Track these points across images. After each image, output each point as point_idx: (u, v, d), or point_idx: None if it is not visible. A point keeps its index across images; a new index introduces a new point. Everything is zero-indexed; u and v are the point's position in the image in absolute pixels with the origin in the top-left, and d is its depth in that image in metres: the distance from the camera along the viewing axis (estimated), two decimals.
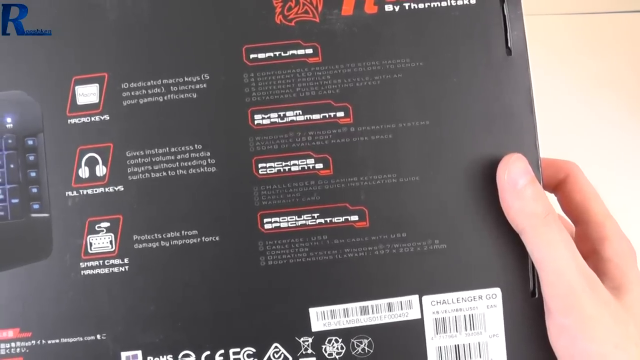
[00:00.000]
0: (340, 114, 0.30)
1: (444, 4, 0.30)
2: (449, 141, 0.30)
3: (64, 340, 0.31)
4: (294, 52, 0.30)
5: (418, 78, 0.30)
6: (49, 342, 0.31)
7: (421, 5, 0.30)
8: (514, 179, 0.28)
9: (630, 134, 0.50)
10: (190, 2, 0.31)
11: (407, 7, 0.30)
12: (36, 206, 0.32)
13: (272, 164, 0.30)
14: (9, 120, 0.32)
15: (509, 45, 0.30)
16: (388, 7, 0.30)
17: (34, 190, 0.32)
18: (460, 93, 0.30)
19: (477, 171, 0.30)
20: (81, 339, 0.31)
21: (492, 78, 0.30)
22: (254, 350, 0.30)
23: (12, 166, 0.32)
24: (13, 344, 0.32)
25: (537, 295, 0.30)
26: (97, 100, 0.31)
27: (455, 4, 0.30)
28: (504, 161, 0.28)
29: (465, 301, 0.30)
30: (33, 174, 0.32)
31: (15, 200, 0.32)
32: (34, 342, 0.31)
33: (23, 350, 0.31)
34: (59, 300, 0.31)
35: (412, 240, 0.30)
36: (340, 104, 0.30)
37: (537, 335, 0.29)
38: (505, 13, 0.30)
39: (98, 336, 0.31)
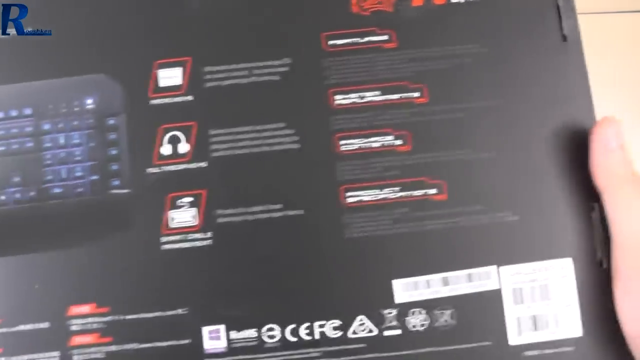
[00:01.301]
0: (416, 94, 0.32)
1: None
2: (517, 119, 0.32)
3: (143, 315, 0.31)
4: (370, 38, 0.32)
5: (485, 62, 0.32)
6: (127, 317, 0.31)
7: None
8: (608, 139, 0.30)
9: (632, 135, 0.53)
10: None
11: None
12: (116, 182, 0.32)
13: (353, 141, 0.31)
14: (89, 101, 0.33)
15: (564, 32, 0.33)
16: None
17: (115, 167, 0.32)
18: (523, 76, 0.32)
19: (545, 147, 0.32)
20: (161, 313, 0.30)
21: (551, 62, 0.33)
22: (340, 322, 0.30)
23: (92, 144, 0.33)
24: (89, 320, 0.31)
25: (605, 265, 0.31)
26: (180, 82, 0.32)
27: None
28: (600, 122, 0.30)
29: (540, 271, 0.31)
30: (114, 152, 0.32)
31: (95, 177, 0.32)
32: (111, 317, 0.31)
33: (100, 326, 0.31)
34: (138, 275, 0.31)
35: (487, 212, 0.31)
36: (415, 85, 0.32)
37: (608, 304, 0.31)
38: (559, 3, 0.33)
39: (179, 310, 0.30)
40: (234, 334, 0.30)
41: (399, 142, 0.31)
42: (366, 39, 0.32)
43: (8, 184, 0.32)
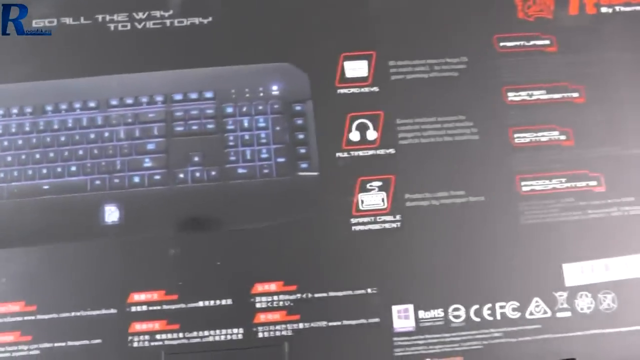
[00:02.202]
0: (575, 94, 0.35)
1: None
2: None
3: (332, 294, 0.31)
4: (535, 42, 0.35)
5: (632, 66, 0.36)
6: (316, 295, 0.31)
7: (628, 9, 0.37)
8: None
9: None
10: None
11: (617, 10, 0.37)
12: (304, 165, 0.33)
13: (525, 135, 0.34)
14: (274, 87, 0.34)
15: None
16: (603, 9, 0.36)
17: (302, 150, 0.33)
18: None
19: None
20: (350, 292, 0.31)
21: None
22: (518, 304, 0.32)
23: (277, 128, 0.33)
24: (276, 297, 0.31)
25: None
26: (366, 74, 0.34)
27: None
28: None
29: None
30: (301, 136, 0.33)
31: (282, 159, 0.33)
32: (299, 295, 0.31)
33: (287, 304, 0.31)
34: (328, 255, 0.32)
35: (638, 204, 0.34)
36: (574, 86, 0.35)
37: None
38: None
39: (369, 290, 0.32)
40: (422, 314, 0.31)
41: (563, 137, 0.34)
42: (532, 42, 0.35)
43: (188, 163, 0.33)
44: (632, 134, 0.35)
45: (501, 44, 0.35)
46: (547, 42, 0.35)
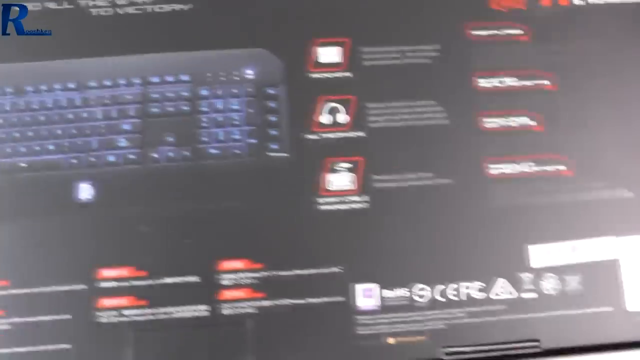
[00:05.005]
0: (546, 82, 0.35)
1: (617, 0, 0.37)
2: (632, 107, 0.35)
3: (297, 272, 0.32)
4: (508, 31, 0.36)
5: (603, 56, 0.36)
6: (281, 273, 0.32)
7: (600, 2, 0.37)
8: None
9: None
10: None
11: (589, 2, 0.37)
12: (274, 146, 0.34)
13: (495, 119, 0.34)
14: (249, 72, 0.35)
15: None
16: (576, 1, 0.37)
17: (273, 132, 0.34)
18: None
19: None
20: (316, 271, 0.32)
21: None
22: (483, 285, 0.33)
23: (250, 111, 0.34)
24: (242, 275, 0.32)
25: None
26: (339, 60, 0.35)
27: (628, 1, 0.37)
28: None
29: None
30: (273, 119, 0.34)
31: (253, 141, 0.34)
32: (265, 273, 0.32)
33: (251, 282, 0.32)
34: (295, 233, 0.32)
35: (607, 188, 0.34)
36: (546, 74, 0.35)
37: None
38: None
39: (334, 269, 0.32)
40: (386, 293, 0.32)
41: (533, 122, 0.35)
42: (504, 31, 0.36)
43: (161, 143, 0.34)
44: (601, 119, 0.35)
45: (474, 32, 0.36)
46: (519, 31, 0.36)
